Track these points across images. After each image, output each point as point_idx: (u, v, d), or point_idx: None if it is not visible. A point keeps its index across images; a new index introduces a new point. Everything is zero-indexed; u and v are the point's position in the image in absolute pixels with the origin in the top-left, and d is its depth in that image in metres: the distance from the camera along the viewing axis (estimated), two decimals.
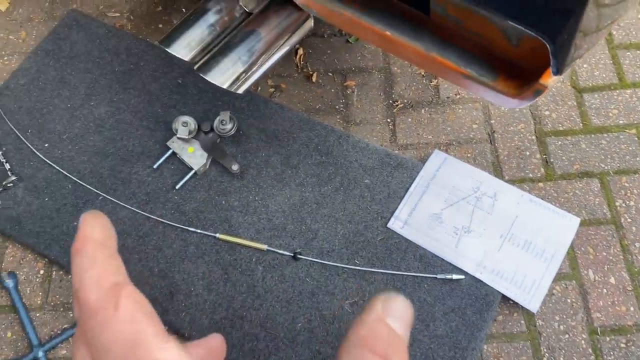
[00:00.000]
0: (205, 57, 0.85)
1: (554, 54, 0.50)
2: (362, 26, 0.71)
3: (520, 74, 0.61)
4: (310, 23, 0.87)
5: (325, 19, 0.78)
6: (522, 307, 1.11)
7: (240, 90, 0.86)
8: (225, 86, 0.85)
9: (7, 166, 1.24)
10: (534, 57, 0.57)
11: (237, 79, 0.84)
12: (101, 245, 0.32)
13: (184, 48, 0.85)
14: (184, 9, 1.52)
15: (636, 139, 1.29)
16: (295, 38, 0.88)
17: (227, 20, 0.86)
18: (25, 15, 1.53)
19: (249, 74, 0.85)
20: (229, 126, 1.22)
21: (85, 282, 0.30)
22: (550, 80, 0.55)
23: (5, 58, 1.46)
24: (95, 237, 0.32)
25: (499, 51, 0.62)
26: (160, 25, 1.49)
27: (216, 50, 0.85)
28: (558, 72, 0.53)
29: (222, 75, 0.83)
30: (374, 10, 0.70)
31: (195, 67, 0.85)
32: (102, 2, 1.54)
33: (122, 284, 0.30)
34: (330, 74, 1.41)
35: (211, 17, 0.85)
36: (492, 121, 1.34)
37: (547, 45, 0.49)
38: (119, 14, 1.52)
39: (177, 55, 0.86)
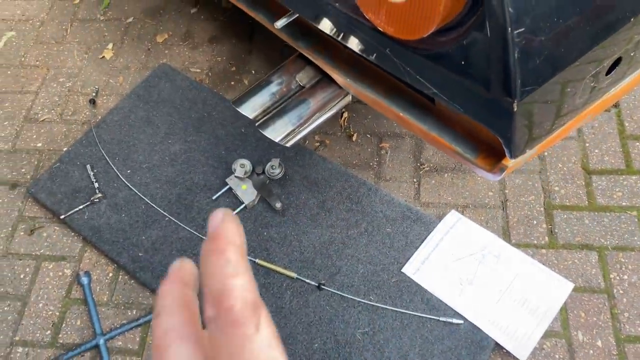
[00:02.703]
0: (265, 117, 1.10)
1: (505, 144, 0.69)
2: (383, 106, 0.93)
3: (497, 153, 0.81)
4: (348, 98, 1.11)
5: (358, 97, 1.01)
6: (513, 356, 1.25)
7: (289, 144, 1.10)
8: (277, 140, 1.09)
9: (96, 185, 1.53)
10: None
11: (287, 135, 1.08)
12: (243, 254, 0.30)
13: (250, 109, 1.10)
14: (253, 71, 1.81)
15: (636, 220, 1.43)
16: (335, 109, 1.12)
17: (285, 91, 1.11)
18: (125, 64, 1.87)
19: (296, 132, 1.09)
20: (277, 170, 1.46)
21: (229, 289, 0.28)
22: (510, 162, 0.75)
23: (105, 97, 1.78)
24: (237, 242, 0.30)
25: (481, 135, 0.82)
26: (232, 83, 1.79)
27: (274, 112, 1.09)
28: (512, 157, 0.72)
29: (276, 132, 1.08)
30: (393, 95, 0.92)
31: (257, 124, 1.10)
32: (187, 59, 1.85)
33: (261, 304, 0.29)
34: (368, 136, 1.64)
35: (273, 88, 1.10)
36: (507, 191, 1.52)
37: (499, 137, 0.69)
38: (199, 70, 1.82)
39: (244, 114, 1.11)
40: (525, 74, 0.59)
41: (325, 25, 0.84)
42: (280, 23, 0.91)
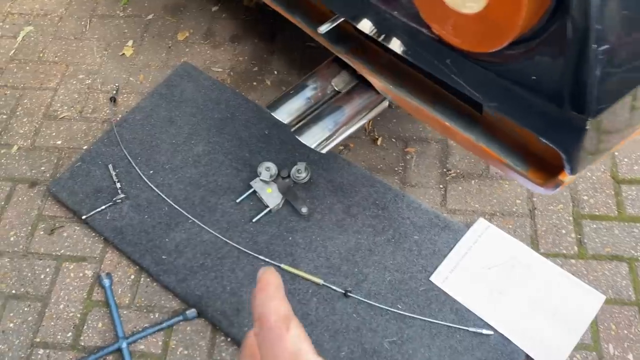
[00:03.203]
0: (300, 123, 1.07)
1: (567, 160, 0.67)
2: (426, 114, 0.91)
3: (548, 167, 0.79)
4: (385, 104, 1.09)
5: (397, 104, 0.99)
6: None
7: (324, 151, 1.08)
8: (312, 146, 1.07)
9: (118, 185, 1.50)
10: (558, 155, 0.74)
11: (322, 142, 1.06)
12: (279, 287, 0.44)
13: (285, 114, 1.08)
14: (275, 72, 1.78)
15: None
16: (371, 115, 1.10)
17: (320, 96, 1.08)
18: (145, 61, 1.84)
19: (332, 139, 1.07)
20: (303, 174, 1.44)
21: (267, 309, 0.42)
22: (567, 177, 0.73)
23: (125, 95, 1.76)
24: (274, 282, 0.44)
25: (532, 147, 0.80)
26: (255, 83, 1.76)
27: (309, 118, 1.07)
28: (572, 173, 0.70)
29: (312, 138, 1.05)
30: (437, 102, 0.90)
31: (292, 130, 1.08)
32: (208, 58, 1.83)
33: (292, 315, 0.42)
34: (393, 140, 1.62)
35: (308, 92, 1.08)
36: (534, 199, 1.49)
37: (562, 153, 0.67)
38: (221, 69, 1.80)
39: (279, 119, 1.09)
40: (602, 91, 0.57)
41: (372, 30, 0.81)
42: (324, 28, 0.88)
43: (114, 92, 1.75)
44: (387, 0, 0.73)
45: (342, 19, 0.86)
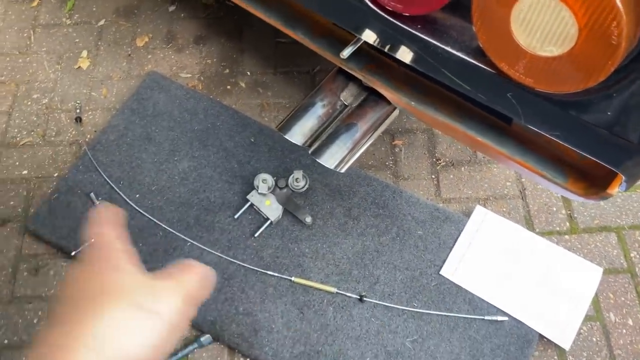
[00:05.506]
0: (316, 144, 1.04)
1: (626, 180, 0.69)
2: (453, 129, 0.91)
3: (588, 177, 0.81)
4: (396, 112, 1.07)
5: (419, 119, 0.98)
6: (555, 344, 1.30)
7: (343, 170, 1.05)
8: (332, 167, 1.04)
9: None
10: (599, 166, 0.76)
11: (341, 161, 1.04)
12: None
13: (299, 135, 1.04)
14: (248, 73, 1.71)
15: None
16: (384, 126, 1.08)
17: (330, 112, 1.05)
18: (105, 73, 1.71)
19: (350, 157, 1.05)
20: (302, 183, 1.41)
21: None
22: (615, 190, 0.75)
23: (90, 113, 1.64)
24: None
25: (569, 159, 0.82)
26: (229, 87, 1.69)
27: (324, 138, 1.04)
28: (626, 189, 0.73)
29: (331, 159, 1.03)
30: (463, 116, 0.90)
31: (310, 152, 1.04)
32: (174, 63, 1.73)
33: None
34: (380, 134, 1.61)
35: (319, 110, 1.04)
36: (523, 179, 1.54)
37: (622, 174, 0.69)
38: (190, 75, 1.71)
39: (292, 141, 1.05)
40: None
41: (413, 62, 0.77)
42: (346, 52, 0.84)
43: (77, 110, 1.63)
44: (439, 35, 0.71)
45: (364, 41, 0.83)
